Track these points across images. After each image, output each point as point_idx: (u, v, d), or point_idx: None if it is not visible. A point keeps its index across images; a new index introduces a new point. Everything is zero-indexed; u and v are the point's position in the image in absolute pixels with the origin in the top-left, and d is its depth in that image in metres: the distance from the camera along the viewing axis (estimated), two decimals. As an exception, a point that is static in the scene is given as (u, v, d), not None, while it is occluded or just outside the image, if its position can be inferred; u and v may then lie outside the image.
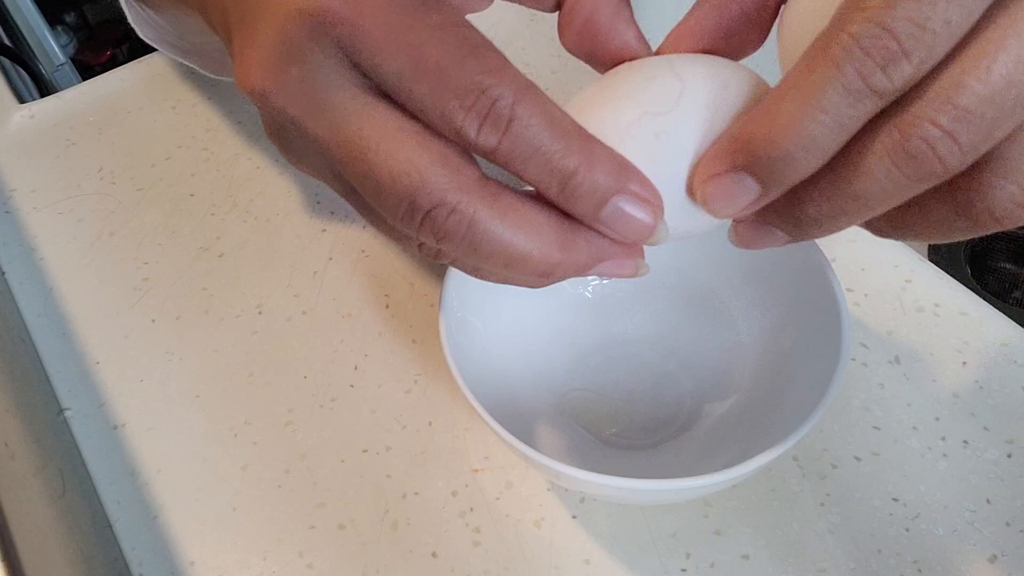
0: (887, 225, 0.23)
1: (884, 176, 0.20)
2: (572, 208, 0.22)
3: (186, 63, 0.46)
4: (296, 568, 0.33)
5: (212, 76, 0.46)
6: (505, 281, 0.24)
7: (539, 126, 0.21)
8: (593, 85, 0.25)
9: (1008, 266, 0.60)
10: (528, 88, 0.22)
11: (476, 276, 0.25)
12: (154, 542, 0.34)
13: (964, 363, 0.36)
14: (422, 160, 0.22)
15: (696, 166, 0.23)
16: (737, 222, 0.24)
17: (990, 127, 0.19)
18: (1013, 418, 0.35)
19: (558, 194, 0.22)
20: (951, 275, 0.40)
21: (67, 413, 0.38)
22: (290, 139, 0.25)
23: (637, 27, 0.26)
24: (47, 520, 0.32)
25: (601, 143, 0.22)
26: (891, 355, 0.37)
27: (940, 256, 0.58)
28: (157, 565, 0.33)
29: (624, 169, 0.22)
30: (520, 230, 0.22)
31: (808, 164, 0.21)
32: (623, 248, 0.24)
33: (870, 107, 0.20)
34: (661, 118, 0.23)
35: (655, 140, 0.23)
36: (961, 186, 0.20)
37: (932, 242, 0.24)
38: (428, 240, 0.23)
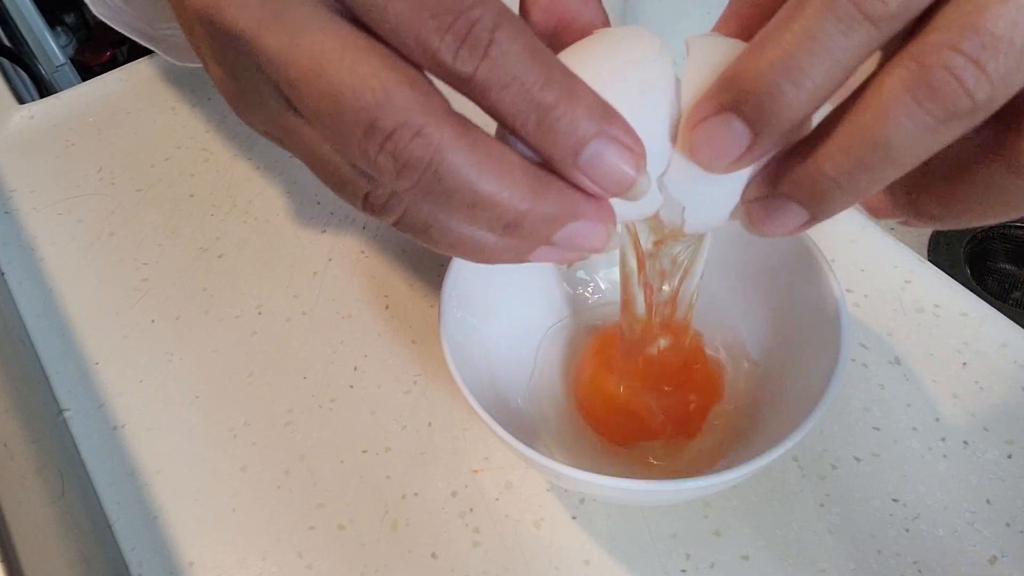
0: (935, 203, 0.21)
1: (906, 117, 0.18)
2: (548, 146, 0.20)
3: (148, 46, 0.45)
4: (295, 568, 0.33)
5: (176, 63, 0.45)
6: (456, 244, 0.22)
7: (520, 53, 0.19)
8: (567, 49, 0.24)
9: (1008, 267, 0.60)
10: (510, 15, 0.20)
11: (425, 239, 0.22)
12: (153, 542, 0.34)
13: (964, 364, 0.36)
14: (389, 78, 0.19)
15: (683, 116, 0.21)
16: (748, 200, 0.22)
17: (1022, 54, 0.17)
18: (1013, 419, 0.35)
19: (534, 129, 0.20)
20: (951, 276, 0.40)
21: (66, 413, 0.38)
22: (236, 65, 0.22)
23: (604, 9, 0.25)
24: (46, 520, 0.32)
25: (583, 82, 0.20)
26: (891, 356, 0.37)
27: (940, 257, 0.58)
28: (156, 565, 0.33)
29: (607, 111, 0.20)
30: (489, 166, 0.20)
31: (800, 101, 0.19)
32: (597, 208, 0.22)
33: (865, 36, 0.18)
34: (647, 66, 0.21)
35: (640, 93, 0.21)
36: (1009, 136, 0.18)
37: (989, 221, 0.21)
38: (386, 173, 0.20)
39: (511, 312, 0.37)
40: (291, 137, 0.23)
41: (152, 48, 0.44)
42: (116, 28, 0.43)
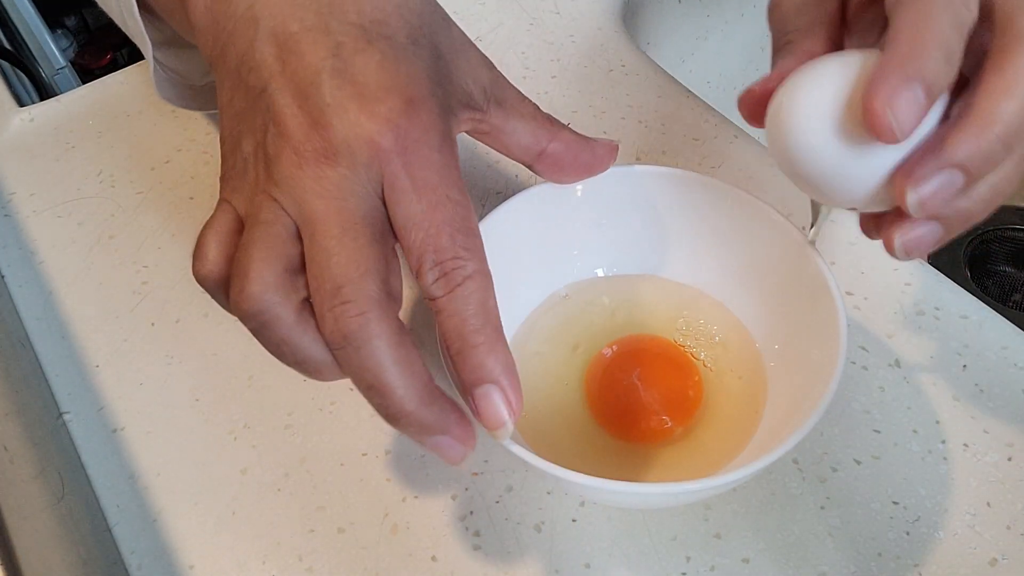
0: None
1: None
2: (459, 369, 0.26)
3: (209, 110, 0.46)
4: (296, 571, 0.33)
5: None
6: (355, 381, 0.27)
7: (476, 304, 0.26)
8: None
9: (1008, 269, 0.60)
10: (485, 277, 0.27)
11: (328, 376, 0.28)
12: (153, 545, 0.34)
13: (964, 366, 0.36)
14: (370, 268, 0.25)
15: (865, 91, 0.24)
16: (897, 227, 0.27)
17: None
18: (1013, 421, 0.35)
19: (456, 353, 0.26)
20: (951, 278, 0.40)
21: (66, 417, 0.38)
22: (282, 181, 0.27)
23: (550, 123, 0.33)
24: (46, 524, 0.32)
25: (505, 343, 0.27)
26: (891, 358, 0.37)
27: (940, 259, 0.58)
28: (156, 568, 0.33)
29: (508, 369, 0.26)
30: (399, 366, 0.25)
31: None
32: (464, 433, 0.26)
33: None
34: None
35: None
36: None
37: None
38: (324, 323, 0.26)
39: (510, 314, 0.37)
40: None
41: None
42: (186, 107, 0.44)
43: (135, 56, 0.53)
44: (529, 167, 0.33)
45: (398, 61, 0.28)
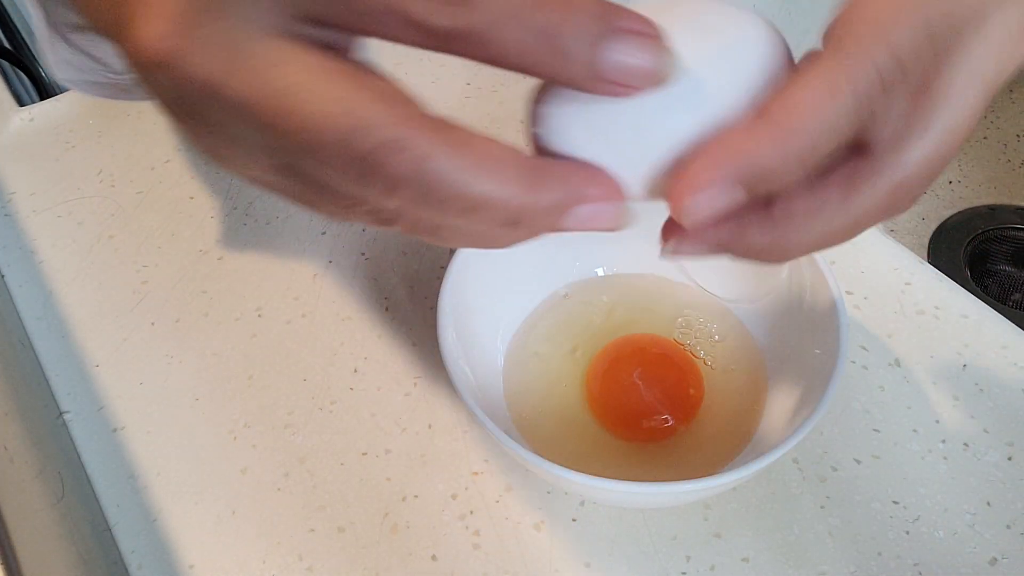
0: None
1: (875, 219, 0.23)
2: (562, 69, 0.19)
3: (118, 100, 0.43)
4: (296, 571, 0.33)
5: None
6: (469, 241, 0.22)
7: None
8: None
9: (1008, 269, 0.60)
10: None
11: (437, 239, 0.22)
12: (153, 545, 0.34)
13: (964, 366, 0.36)
14: (356, 99, 0.19)
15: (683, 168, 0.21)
16: (680, 237, 0.24)
17: None
18: (1013, 421, 0.35)
19: (543, 57, 0.19)
20: (951, 278, 0.40)
21: (66, 416, 0.38)
22: (207, 115, 0.21)
23: None
24: (46, 523, 0.32)
25: None
26: (891, 358, 0.37)
27: (940, 259, 0.58)
28: (156, 568, 0.33)
29: (607, 8, 0.19)
30: (479, 167, 0.19)
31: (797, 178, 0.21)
32: (601, 188, 0.21)
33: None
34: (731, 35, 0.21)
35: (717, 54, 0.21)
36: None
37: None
38: (378, 195, 0.20)
39: (510, 313, 0.37)
40: (282, 175, 0.22)
41: (122, 100, 0.43)
42: (83, 91, 0.40)
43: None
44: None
45: None
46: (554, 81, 0.20)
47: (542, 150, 0.22)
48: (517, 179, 0.20)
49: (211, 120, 0.21)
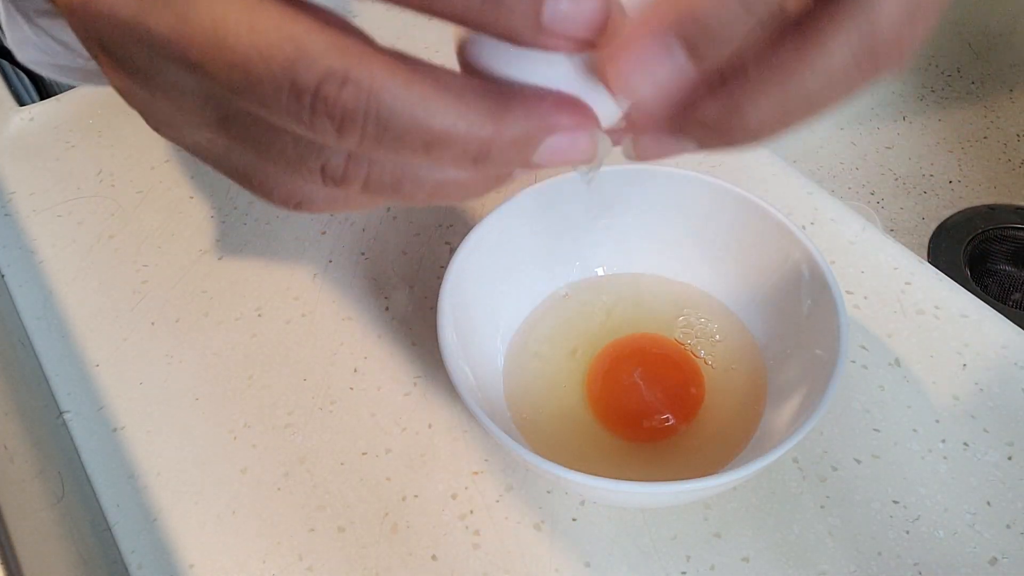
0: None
1: (844, 81, 0.18)
2: (506, 20, 0.17)
3: (84, 84, 0.42)
4: (296, 571, 0.33)
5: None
6: (434, 193, 0.20)
7: None
8: None
9: (1008, 268, 0.60)
10: None
11: (402, 197, 0.20)
12: (153, 545, 0.34)
13: (964, 365, 0.36)
14: (296, 27, 0.17)
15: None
16: (640, 130, 0.20)
17: None
18: (1013, 420, 0.35)
19: (484, 7, 0.17)
20: (951, 277, 0.40)
21: (66, 416, 0.38)
22: (132, 60, 0.20)
23: None
24: (46, 523, 0.32)
25: None
26: (891, 357, 0.37)
27: (940, 258, 0.58)
28: (156, 568, 0.33)
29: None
30: (438, 97, 0.17)
31: (744, 29, 0.17)
32: (573, 115, 0.19)
33: None
34: None
35: None
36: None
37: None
38: (328, 137, 0.18)
39: (510, 313, 0.37)
40: (222, 134, 0.20)
41: (88, 85, 0.42)
42: (48, 74, 0.39)
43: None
44: None
45: None
46: (494, 33, 0.18)
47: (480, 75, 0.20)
48: (480, 107, 0.18)
49: (139, 67, 0.20)
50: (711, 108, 0.19)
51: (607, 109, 0.20)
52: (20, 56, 0.37)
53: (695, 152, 0.20)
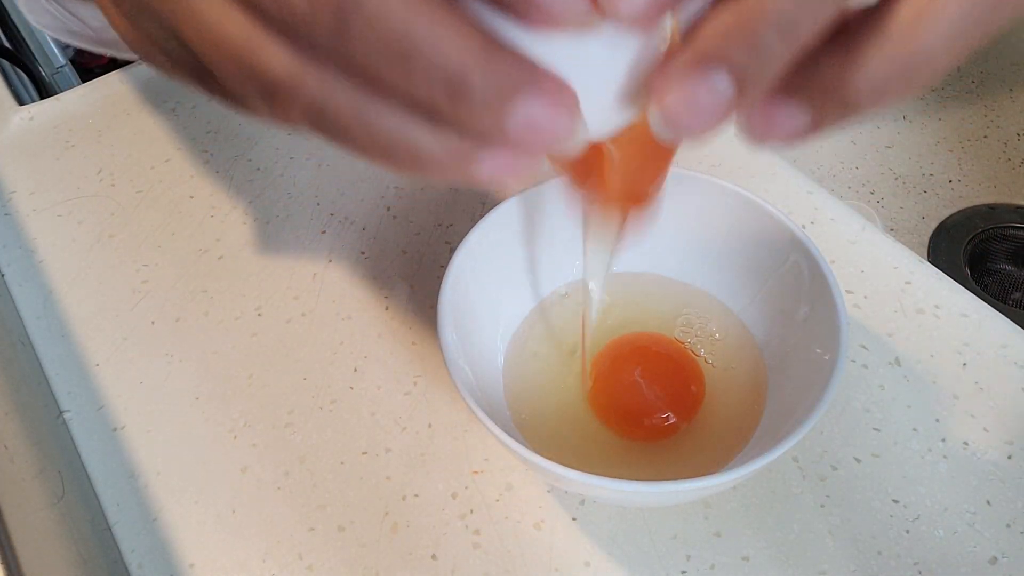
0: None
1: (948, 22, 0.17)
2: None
3: (100, 52, 0.43)
4: (296, 570, 0.33)
5: (133, 59, 0.43)
6: (392, 144, 0.18)
7: None
8: None
9: (1008, 267, 0.60)
10: None
11: (350, 139, 0.18)
12: (153, 544, 0.34)
13: (964, 365, 0.36)
14: None
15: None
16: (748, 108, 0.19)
17: None
18: (1013, 420, 0.35)
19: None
20: (951, 276, 0.40)
21: (66, 415, 0.38)
22: None
23: None
24: (46, 522, 0.32)
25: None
26: (891, 357, 0.37)
27: (940, 258, 0.58)
28: (156, 567, 0.33)
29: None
30: (429, 9, 0.16)
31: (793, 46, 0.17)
32: (557, 84, 0.17)
33: None
34: None
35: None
36: None
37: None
38: (296, 14, 0.16)
39: (511, 312, 0.37)
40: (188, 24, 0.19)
41: (105, 53, 0.43)
42: (59, 37, 0.40)
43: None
44: None
45: None
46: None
47: None
48: (471, 37, 0.16)
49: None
50: (830, 69, 0.18)
51: (594, 106, 0.19)
52: (32, 20, 0.37)
53: (809, 132, 0.19)
